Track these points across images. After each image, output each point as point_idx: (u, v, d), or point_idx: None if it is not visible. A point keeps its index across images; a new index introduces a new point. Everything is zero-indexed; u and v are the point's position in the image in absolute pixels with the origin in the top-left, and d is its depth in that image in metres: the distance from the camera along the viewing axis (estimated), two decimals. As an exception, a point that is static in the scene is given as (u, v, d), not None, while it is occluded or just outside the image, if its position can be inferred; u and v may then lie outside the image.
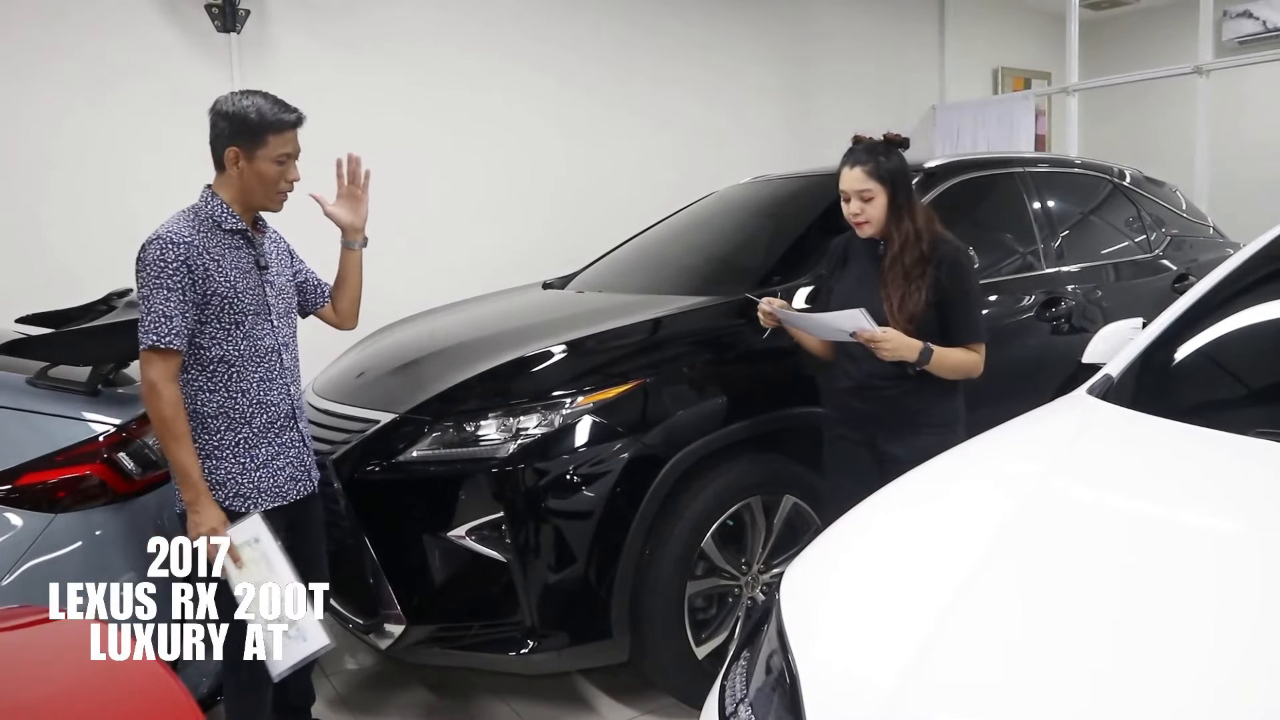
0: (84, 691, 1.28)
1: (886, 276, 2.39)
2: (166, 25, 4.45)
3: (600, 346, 2.77)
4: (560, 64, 5.67)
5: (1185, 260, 4.13)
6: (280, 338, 2.20)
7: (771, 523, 2.76)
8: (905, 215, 2.40)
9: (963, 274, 2.40)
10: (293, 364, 2.24)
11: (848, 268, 2.56)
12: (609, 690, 2.88)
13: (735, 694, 1.51)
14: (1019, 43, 8.47)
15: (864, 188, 2.38)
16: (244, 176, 2.10)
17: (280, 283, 2.23)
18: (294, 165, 2.14)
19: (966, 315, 2.40)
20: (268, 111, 2.08)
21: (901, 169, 2.42)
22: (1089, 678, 1.16)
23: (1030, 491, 1.61)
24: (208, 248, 2.06)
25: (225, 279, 2.07)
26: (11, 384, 2.32)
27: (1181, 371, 2.10)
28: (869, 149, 2.42)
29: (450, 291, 4.11)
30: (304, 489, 2.25)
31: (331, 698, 2.87)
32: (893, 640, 1.32)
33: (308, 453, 2.28)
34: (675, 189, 5.13)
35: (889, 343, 2.28)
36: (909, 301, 2.35)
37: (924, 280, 2.36)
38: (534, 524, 2.47)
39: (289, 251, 2.35)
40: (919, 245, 2.38)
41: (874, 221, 2.40)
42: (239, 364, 2.11)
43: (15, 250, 4.15)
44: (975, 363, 2.41)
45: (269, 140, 2.07)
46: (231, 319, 2.09)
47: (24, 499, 2.17)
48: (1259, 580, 1.28)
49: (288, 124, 2.10)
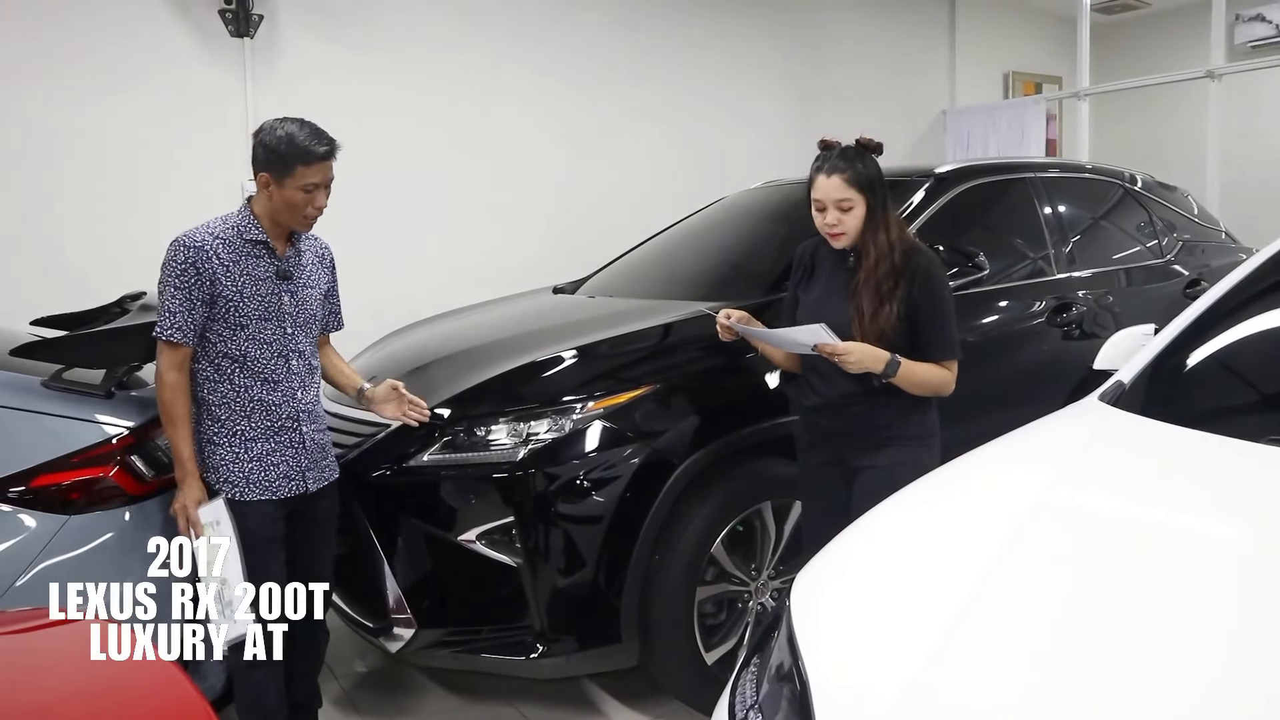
0: (97, 693, 1.29)
1: (860, 290, 2.26)
2: (180, 30, 4.48)
3: (611, 351, 2.77)
4: (570, 70, 5.69)
5: (1197, 265, 4.11)
6: (293, 344, 2.28)
7: (781, 528, 2.75)
8: (881, 226, 2.27)
9: (937, 287, 2.28)
10: (304, 369, 2.31)
11: (815, 277, 2.43)
12: (618, 695, 2.88)
13: (745, 700, 1.51)
14: (1030, 47, 8.45)
15: (843, 197, 2.23)
16: (273, 200, 2.22)
17: (305, 294, 2.31)
18: (323, 193, 2.23)
19: (939, 331, 2.27)
20: (299, 144, 2.17)
21: (879, 176, 2.29)
22: (1100, 690, 1.15)
23: (1041, 499, 1.61)
24: (220, 253, 2.19)
25: (233, 284, 2.19)
26: (26, 386, 2.33)
27: (1194, 378, 2.09)
28: (844, 155, 2.27)
29: (460, 297, 4.12)
30: (297, 488, 2.29)
31: (340, 699, 2.88)
32: (903, 648, 1.32)
33: (308, 456, 2.31)
34: (683, 194, 5.14)
35: (853, 355, 2.16)
36: (880, 317, 2.22)
37: (896, 294, 2.23)
38: (544, 528, 2.47)
39: (331, 267, 2.45)
40: (892, 257, 2.25)
41: (850, 233, 2.27)
42: (242, 362, 2.22)
43: (30, 253, 4.18)
44: (945, 380, 2.28)
45: (297, 170, 2.18)
46: (236, 320, 2.20)
47: (38, 500, 2.18)
48: (1275, 590, 1.27)
49: (315, 156, 2.19)
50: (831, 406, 2.35)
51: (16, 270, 4.13)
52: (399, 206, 5.06)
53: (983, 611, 1.34)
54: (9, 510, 2.16)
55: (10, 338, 2.64)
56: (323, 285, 2.39)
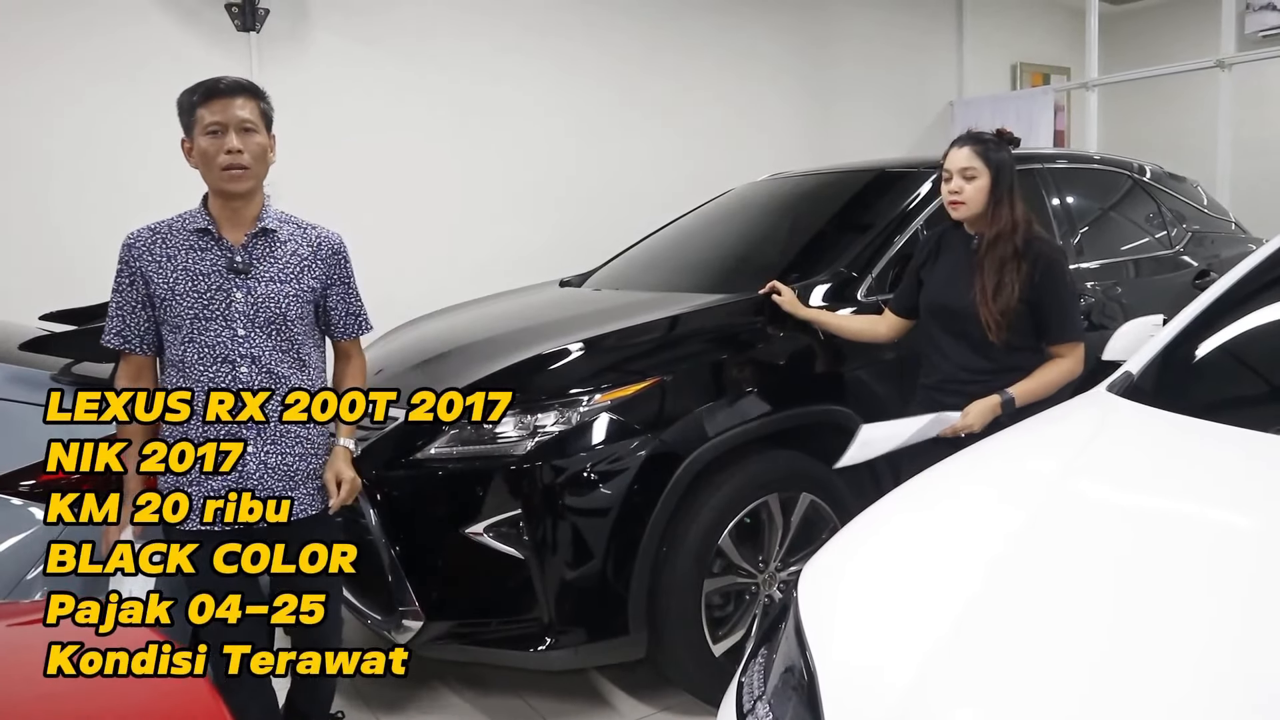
0: (111, 685, 1.29)
1: (982, 262, 2.40)
2: (187, 24, 4.49)
3: (618, 344, 2.77)
4: (579, 62, 5.68)
5: (1207, 256, 4.09)
6: (245, 348, 2.00)
7: (789, 520, 2.75)
8: (1006, 206, 2.42)
9: (1058, 273, 2.41)
10: (261, 379, 2.01)
11: (939, 259, 2.58)
12: (626, 687, 2.88)
13: (753, 691, 1.51)
14: (1038, 37, 8.40)
15: (968, 165, 2.42)
16: (199, 166, 1.99)
17: (268, 290, 2.02)
18: (233, 135, 1.94)
19: (1061, 314, 2.41)
20: (194, 87, 1.97)
21: (1009, 162, 2.46)
22: (1112, 677, 1.15)
23: (1049, 489, 1.60)
24: (154, 248, 1.99)
25: (164, 280, 1.97)
26: (35, 380, 2.34)
27: (1203, 368, 2.08)
28: (978, 136, 2.47)
29: (467, 289, 4.12)
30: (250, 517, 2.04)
31: (349, 692, 2.89)
32: (911, 639, 1.31)
33: (259, 482, 2.04)
34: (691, 187, 5.13)
35: (971, 415, 2.34)
36: (1002, 291, 2.37)
37: (1018, 275, 2.37)
38: (551, 521, 2.48)
39: (334, 261, 2.14)
40: (1014, 239, 2.39)
41: (971, 202, 2.42)
42: (184, 369, 1.99)
43: (40, 247, 4.19)
44: (1069, 370, 2.42)
45: (198, 114, 1.95)
46: (173, 322, 1.99)
47: (47, 495, 2.19)
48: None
49: (212, 90, 1.94)
50: (953, 383, 2.48)
51: (27, 265, 4.15)
52: (406, 200, 5.06)
53: (992, 602, 1.33)
54: (19, 504, 2.17)
55: (20, 332, 2.66)
56: (308, 282, 2.08)
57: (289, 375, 2.06)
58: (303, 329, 2.09)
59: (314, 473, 2.12)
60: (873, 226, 3.17)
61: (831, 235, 3.37)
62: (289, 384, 2.05)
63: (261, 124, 2.02)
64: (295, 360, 2.08)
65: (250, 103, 1.99)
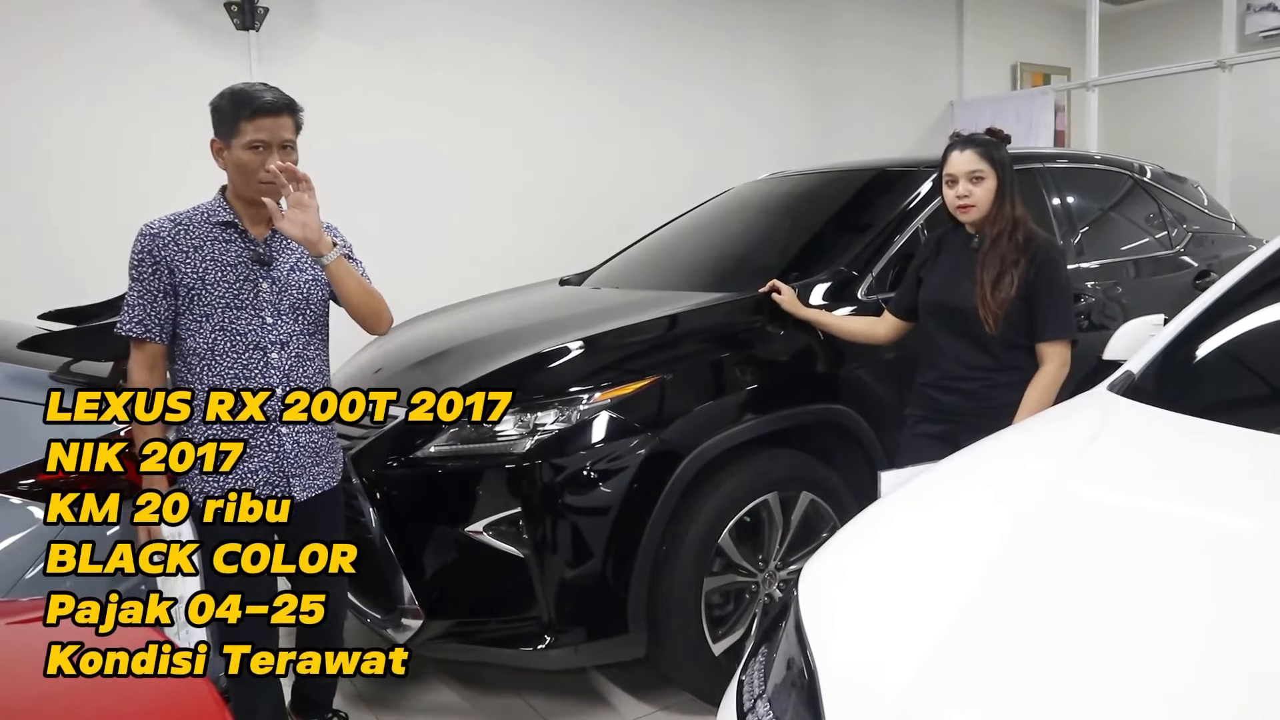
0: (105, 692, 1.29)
1: (984, 258, 2.43)
2: (186, 23, 4.48)
3: (617, 343, 2.77)
4: (578, 60, 5.67)
5: (1207, 256, 4.09)
6: (274, 335, 2.11)
7: (789, 519, 2.75)
8: (1008, 205, 2.46)
9: (1055, 269, 2.44)
10: (287, 363, 2.13)
11: (940, 260, 2.60)
12: (626, 686, 2.88)
13: (753, 690, 1.51)
14: (1038, 37, 8.40)
15: (975, 168, 2.44)
16: (228, 169, 2.07)
17: (291, 279, 2.14)
18: (275, 153, 2.03)
19: (1056, 310, 2.43)
20: (241, 95, 2.03)
21: (1009, 161, 2.50)
22: (1112, 677, 1.15)
23: (1050, 489, 1.60)
24: (180, 239, 2.04)
25: (193, 271, 2.04)
26: (34, 379, 2.34)
27: (1204, 368, 2.07)
28: (977, 138, 2.50)
29: (467, 289, 4.12)
30: (280, 496, 2.16)
31: (349, 692, 2.88)
32: (911, 638, 1.31)
33: (290, 459, 2.16)
34: (691, 186, 5.13)
35: None
36: (1002, 285, 2.40)
37: (1017, 270, 2.40)
38: (551, 519, 2.48)
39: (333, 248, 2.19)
40: (1015, 236, 2.43)
41: (980, 205, 2.45)
42: (210, 357, 2.06)
43: (38, 246, 4.19)
44: (1055, 375, 2.42)
45: (241, 127, 2.02)
46: (201, 311, 2.05)
47: (47, 494, 2.19)
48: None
49: (260, 106, 2.01)
50: (951, 379, 2.51)
51: (25, 264, 4.14)
52: (406, 199, 5.05)
53: (993, 601, 1.33)
54: (19, 503, 2.17)
55: (18, 331, 2.66)
56: (314, 271, 2.19)
57: (314, 357, 2.20)
58: (324, 311, 2.24)
59: (334, 446, 2.31)
60: (873, 226, 3.17)
61: (831, 234, 3.37)
62: (315, 365, 2.21)
63: (295, 138, 2.11)
64: (320, 342, 2.23)
65: (291, 120, 2.09)
